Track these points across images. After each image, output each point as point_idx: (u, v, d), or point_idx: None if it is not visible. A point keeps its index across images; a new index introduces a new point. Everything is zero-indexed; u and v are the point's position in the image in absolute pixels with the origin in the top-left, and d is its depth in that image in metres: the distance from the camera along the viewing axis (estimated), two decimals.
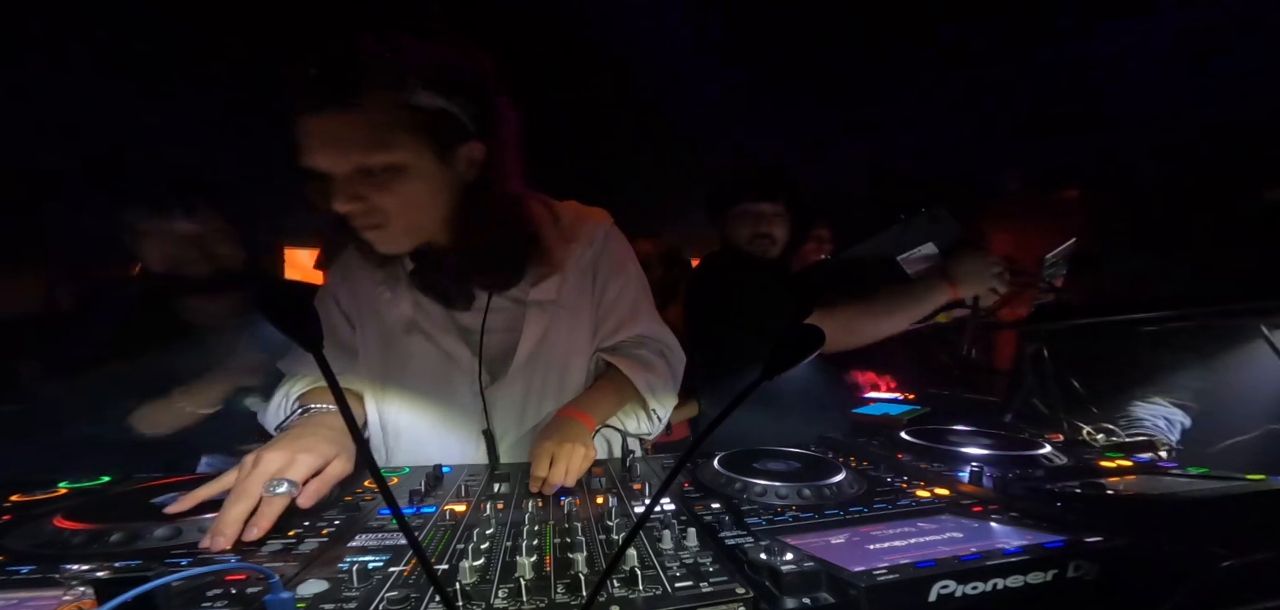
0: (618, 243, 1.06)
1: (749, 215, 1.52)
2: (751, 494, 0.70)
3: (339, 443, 0.74)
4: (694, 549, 0.53)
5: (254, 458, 0.66)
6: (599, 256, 1.02)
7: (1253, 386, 1.14)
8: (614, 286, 1.03)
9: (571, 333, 0.99)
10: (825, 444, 1.01)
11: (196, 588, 0.45)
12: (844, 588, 0.44)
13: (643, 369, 1.00)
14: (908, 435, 0.97)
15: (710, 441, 0.48)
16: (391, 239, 0.81)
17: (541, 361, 0.97)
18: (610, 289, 1.03)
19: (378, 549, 0.55)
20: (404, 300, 0.94)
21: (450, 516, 0.65)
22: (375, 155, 0.72)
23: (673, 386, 1.05)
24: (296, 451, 0.68)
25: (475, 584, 0.47)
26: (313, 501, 0.67)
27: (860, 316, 1.37)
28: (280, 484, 0.63)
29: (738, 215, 1.53)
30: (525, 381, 0.96)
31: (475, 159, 0.83)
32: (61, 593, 0.45)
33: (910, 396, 1.94)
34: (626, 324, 1.03)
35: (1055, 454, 0.86)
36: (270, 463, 0.65)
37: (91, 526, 0.57)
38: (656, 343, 1.05)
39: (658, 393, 1.01)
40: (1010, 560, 0.47)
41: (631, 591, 0.45)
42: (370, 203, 0.76)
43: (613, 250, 1.04)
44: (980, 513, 0.63)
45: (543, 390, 0.98)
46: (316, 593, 0.45)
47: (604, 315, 1.03)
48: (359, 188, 0.74)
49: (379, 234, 0.80)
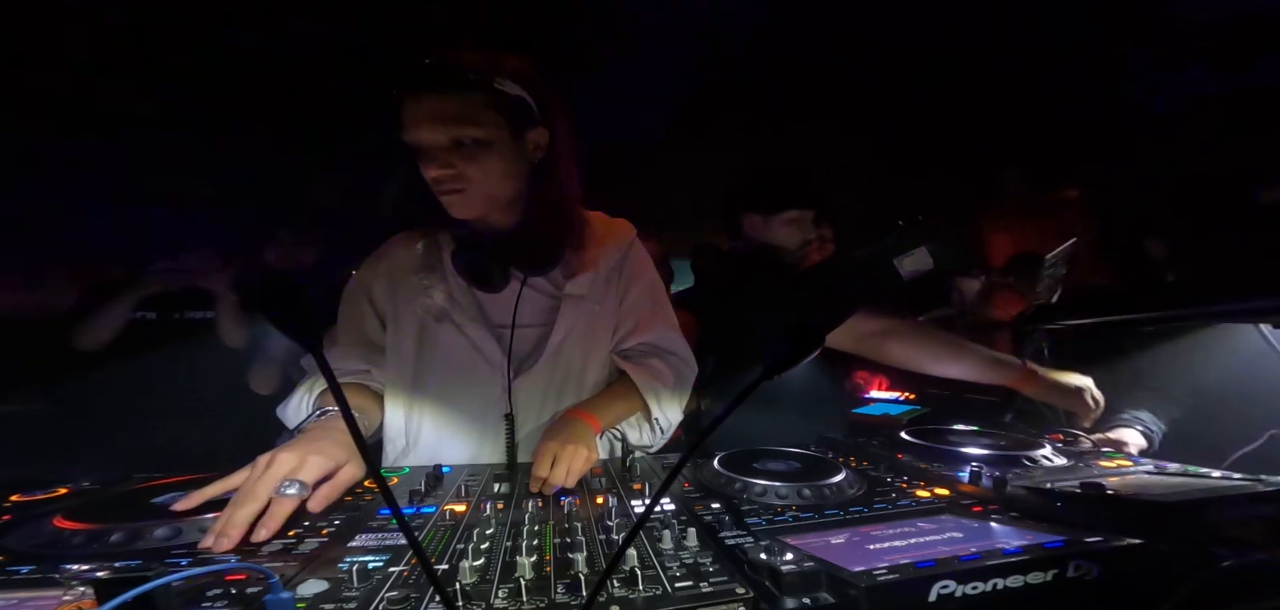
0: (642, 251, 1.13)
1: (800, 221, 1.46)
2: (751, 494, 0.70)
3: (352, 447, 0.75)
4: (694, 549, 0.53)
5: (267, 459, 0.66)
6: (625, 261, 1.09)
7: (1253, 388, 1.14)
8: (635, 290, 1.08)
9: (596, 332, 1.04)
10: (825, 444, 1.01)
11: (196, 588, 0.45)
12: (844, 588, 0.44)
13: (651, 377, 1.02)
14: (908, 435, 0.97)
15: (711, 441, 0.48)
16: (468, 203, 0.92)
17: (567, 355, 1.02)
18: (631, 293, 1.08)
19: (378, 549, 0.55)
20: (438, 290, 1.00)
21: (450, 516, 0.65)
22: (468, 129, 0.87)
23: (680, 398, 1.07)
24: (308, 454, 0.69)
25: (475, 584, 0.47)
26: (323, 506, 0.68)
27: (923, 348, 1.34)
28: (291, 486, 0.63)
29: (787, 221, 1.46)
30: (549, 373, 1.01)
31: (541, 143, 0.96)
32: (61, 593, 0.45)
33: (910, 396, 1.94)
34: (643, 328, 1.06)
35: (1055, 454, 0.86)
36: (282, 465, 0.66)
37: (91, 526, 0.57)
38: (670, 353, 1.07)
39: (664, 402, 1.03)
40: (1010, 560, 0.47)
41: (631, 591, 0.45)
42: (458, 170, 0.89)
43: (638, 257, 1.11)
44: (980, 513, 0.63)
45: (564, 384, 1.02)
46: (316, 593, 0.45)
47: (623, 318, 1.06)
48: (451, 157, 0.88)
49: (458, 198, 0.91)
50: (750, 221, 1.50)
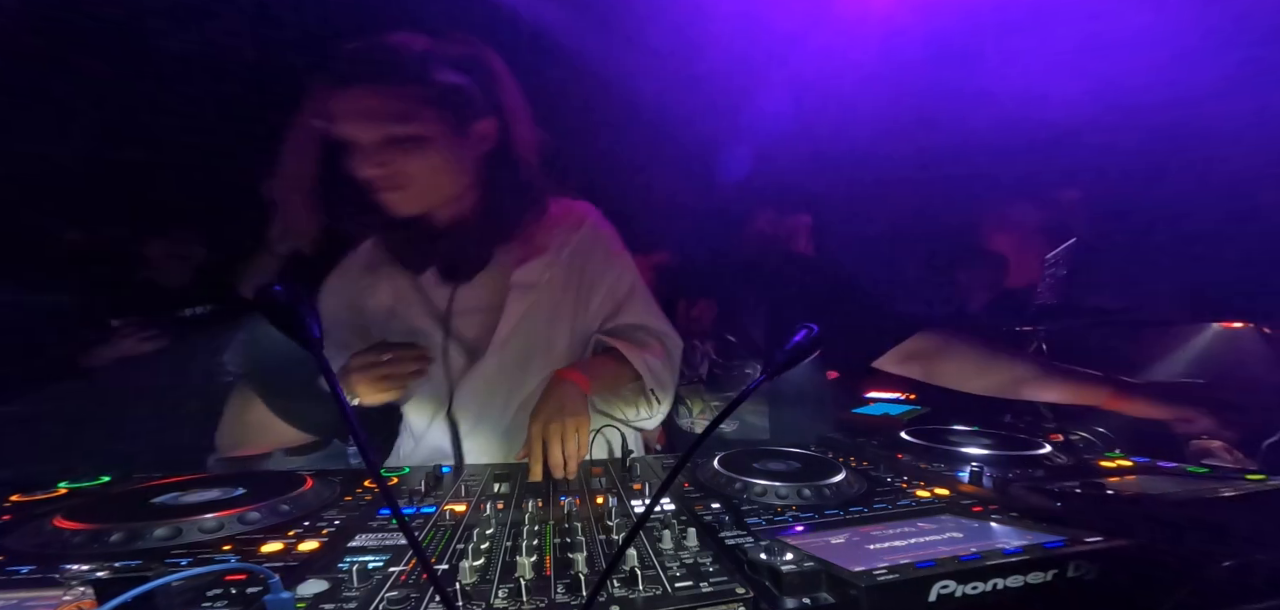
0: (602, 233, 1.07)
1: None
2: (751, 494, 0.70)
3: None
4: (694, 549, 0.53)
5: None
6: (587, 248, 1.04)
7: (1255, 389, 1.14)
8: (609, 276, 1.04)
9: (551, 322, 1.00)
10: (825, 444, 1.01)
11: (196, 588, 0.45)
12: (844, 587, 0.45)
13: (639, 350, 0.99)
14: (908, 435, 0.97)
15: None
16: (410, 200, 0.88)
17: (518, 346, 0.98)
18: (605, 279, 1.04)
19: (378, 549, 0.55)
20: (383, 289, 0.98)
21: (450, 516, 0.65)
22: (404, 126, 0.82)
23: (671, 372, 1.05)
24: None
25: (475, 584, 0.47)
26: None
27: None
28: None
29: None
30: (499, 365, 0.97)
31: (489, 134, 0.91)
32: (61, 593, 0.45)
33: (910, 396, 1.94)
34: (625, 310, 1.04)
35: (1055, 454, 0.86)
36: None
37: (91, 526, 0.57)
38: (657, 331, 1.05)
39: (656, 374, 1.00)
40: (1010, 560, 0.47)
41: (631, 591, 0.45)
42: (395, 167, 0.84)
43: (602, 241, 1.06)
44: (980, 513, 0.63)
45: (514, 376, 0.99)
46: (316, 593, 0.45)
47: (601, 303, 1.03)
48: (386, 154, 0.83)
49: (400, 196, 0.87)
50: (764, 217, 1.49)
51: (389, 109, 0.82)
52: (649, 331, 1.04)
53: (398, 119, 0.82)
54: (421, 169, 0.85)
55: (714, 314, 1.32)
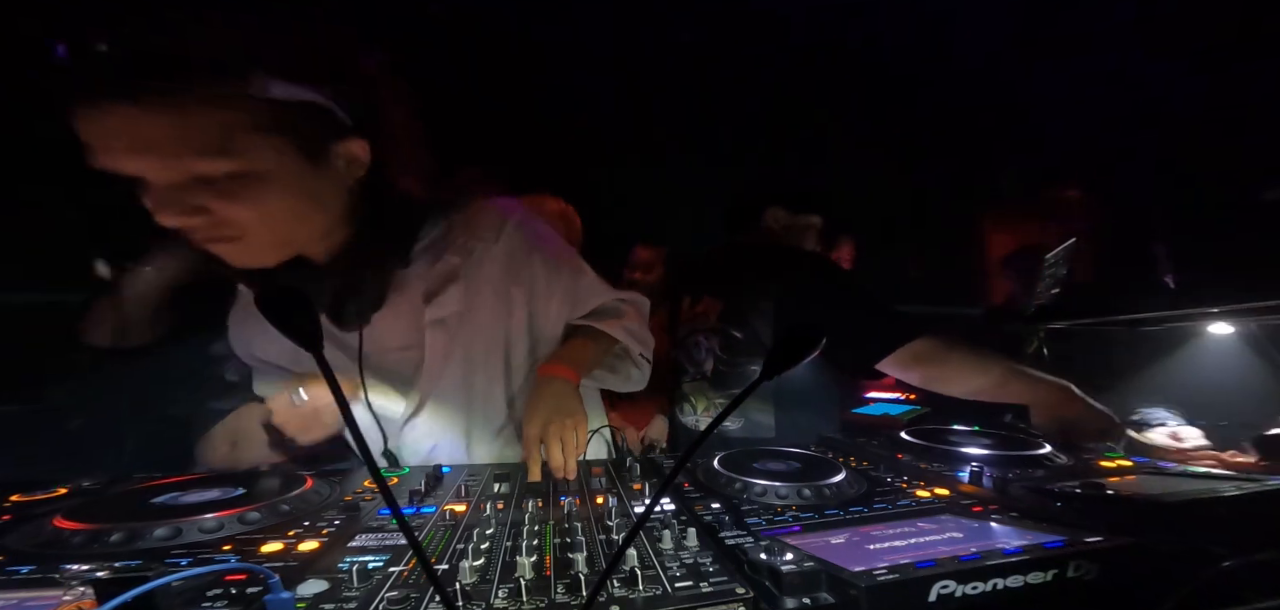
0: (533, 231, 0.94)
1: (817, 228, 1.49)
2: (751, 494, 0.70)
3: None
4: (694, 549, 0.53)
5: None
6: (520, 258, 0.91)
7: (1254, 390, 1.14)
8: (561, 280, 0.94)
9: (488, 353, 0.90)
10: (825, 444, 1.01)
11: (196, 588, 0.45)
12: (844, 588, 0.45)
13: (616, 319, 0.95)
14: (908, 435, 0.97)
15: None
16: (252, 253, 0.68)
17: (460, 377, 0.88)
18: (558, 284, 0.94)
19: (378, 549, 0.55)
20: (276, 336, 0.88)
21: (450, 516, 0.65)
22: (214, 162, 0.58)
23: (646, 329, 1.03)
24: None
25: (475, 584, 0.47)
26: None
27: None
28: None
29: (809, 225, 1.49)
30: (438, 404, 0.87)
31: (359, 157, 0.71)
32: (61, 593, 0.45)
33: (910, 396, 1.94)
34: (584, 300, 0.97)
35: (1055, 454, 0.86)
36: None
37: (91, 526, 0.57)
38: (620, 300, 1.01)
39: (639, 336, 0.98)
40: (1010, 560, 0.47)
41: (631, 591, 0.45)
42: (216, 216, 0.61)
43: (535, 243, 0.93)
44: (980, 513, 0.63)
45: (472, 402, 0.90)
46: (316, 593, 0.45)
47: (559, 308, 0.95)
48: (197, 198, 0.60)
49: (233, 248, 0.66)
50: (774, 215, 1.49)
51: (186, 139, 0.56)
52: (616, 303, 1.00)
53: (203, 151, 0.57)
54: (255, 216, 0.63)
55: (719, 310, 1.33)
